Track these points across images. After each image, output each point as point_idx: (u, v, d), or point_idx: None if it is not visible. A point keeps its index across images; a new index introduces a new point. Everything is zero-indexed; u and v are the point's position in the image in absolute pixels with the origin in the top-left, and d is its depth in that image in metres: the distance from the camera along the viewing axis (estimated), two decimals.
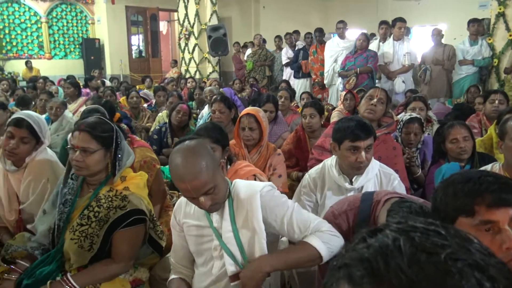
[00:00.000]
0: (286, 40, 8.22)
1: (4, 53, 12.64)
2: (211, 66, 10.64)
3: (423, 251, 0.44)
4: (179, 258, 1.76)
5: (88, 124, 1.83)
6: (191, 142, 1.49)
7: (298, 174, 3.28)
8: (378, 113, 2.74)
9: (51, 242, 1.93)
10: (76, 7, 13.68)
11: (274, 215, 1.55)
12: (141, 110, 5.59)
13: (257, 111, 2.78)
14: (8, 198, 2.29)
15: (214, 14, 10.45)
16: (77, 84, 6.35)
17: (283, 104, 4.52)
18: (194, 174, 1.41)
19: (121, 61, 13.17)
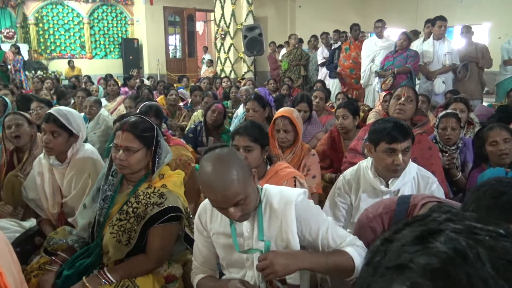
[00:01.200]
0: (322, 39, 8.14)
1: (49, 53, 13.19)
2: (246, 66, 10.69)
3: (500, 259, 0.39)
4: (205, 262, 1.72)
5: (130, 124, 1.88)
6: (222, 151, 1.44)
7: (331, 175, 3.23)
8: (408, 112, 2.66)
9: (90, 236, 2.00)
10: (116, 8, 14.09)
11: (308, 227, 1.51)
12: (178, 109, 5.69)
13: (292, 112, 2.75)
14: (52, 192, 2.38)
15: (250, 14, 10.49)
16: (116, 83, 6.55)
17: (317, 105, 4.47)
18: (224, 184, 1.35)
19: (158, 61, 13.45)
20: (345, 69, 7.10)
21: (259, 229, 1.51)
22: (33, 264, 2.00)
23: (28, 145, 2.77)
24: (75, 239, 2.02)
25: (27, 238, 2.29)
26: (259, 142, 2.16)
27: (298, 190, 1.59)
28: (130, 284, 1.77)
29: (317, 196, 2.69)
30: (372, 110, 4.74)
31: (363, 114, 4.66)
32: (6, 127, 2.75)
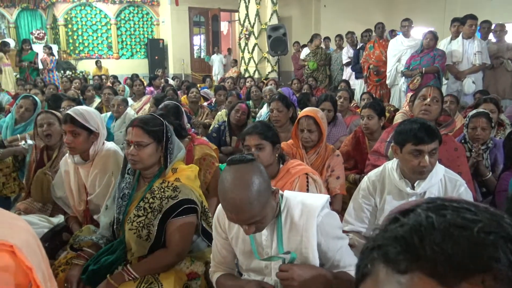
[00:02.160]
0: (347, 39, 8.05)
1: (77, 53, 13.51)
2: (270, 66, 10.68)
3: (455, 226, 0.45)
4: (224, 262, 1.73)
5: (140, 120, 1.94)
6: (244, 168, 1.36)
7: (355, 176, 3.19)
8: (434, 113, 2.60)
9: (112, 234, 2.05)
10: (142, 9, 14.31)
11: (327, 245, 1.50)
12: (200, 107, 5.73)
13: (316, 112, 2.73)
14: (77, 190, 2.44)
15: (274, 14, 10.47)
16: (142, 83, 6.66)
17: (342, 105, 4.42)
18: (242, 207, 1.31)
19: (183, 61, 13.59)
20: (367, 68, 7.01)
21: (279, 241, 1.50)
22: (60, 259, 2.06)
23: (58, 143, 2.85)
24: (99, 236, 2.07)
25: (55, 234, 2.35)
26: (269, 140, 2.16)
27: (321, 200, 1.53)
28: (154, 281, 1.80)
29: (341, 197, 2.66)
30: (399, 111, 4.65)
31: (388, 115, 4.58)
32: (38, 125, 2.83)
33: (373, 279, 0.48)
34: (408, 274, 0.44)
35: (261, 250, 1.55)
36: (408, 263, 0.44)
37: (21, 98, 3.94)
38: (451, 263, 0.42)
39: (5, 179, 3.28)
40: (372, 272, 0.49)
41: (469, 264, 0.42)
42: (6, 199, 3.26)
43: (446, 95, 4.16)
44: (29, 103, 3.83)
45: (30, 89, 6.13)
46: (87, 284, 1.87)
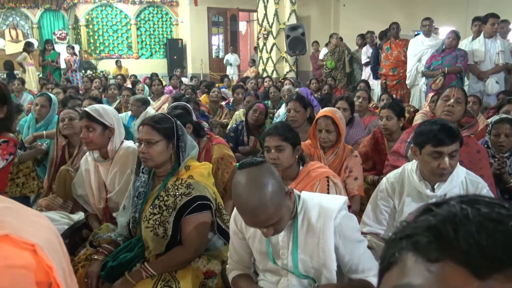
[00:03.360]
0: (367, 38, 7.97)
1: (98, 53, 13.73)
2: (288, 66, 10.65)
3: (490, 220, 0.44)
4: (240, 261, 1.73)
5: (150, 119, 1.98)
6: (256, 170, 1.36)
7: (374, 177, 3.16)
8: (457, 114, 2.55)
9: (129, 233, 2.08)
10: (162, 9, 14.46)
11: (345, 248, 1.48)
12: (219, 107, 5.76)
13: (334, 112, 2.71)
14: (98, 188, 2.47)
15: (293, 14, 10.44)
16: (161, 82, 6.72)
17: (360, 105, 4.37)
18: (257, 210, 1.31)
19: (201, 61, 13.66)
20: (387, 69, 6.91)
21: (294, 243, 1.49)
22: (80, 255, 2.10)
23: (78, 141, 2.90)
24: (117, 234, 2.10)
25: (75, 231, 2.40)
26: (290, 141, 2.15)
27: (338, 202, 1.52)
28: (171, 279, 1.81)
29: (359, 198, 2.63)
30: (419, 111, 4.58)
31: (408, 115, 4.52)
32: (60, 120, 2.90)
33: (400, 267, 0.48)
34: (439, 263, 0.44)
35: (277, 251, 1.55)
36: (440, 252, 0.44)
37: (37, 96, 4.02)
38: (485, 254, 0.42)
39: (24, 179, 3.34)
40: (399, 260, 0.48)
41: (503, 257, 0.42)
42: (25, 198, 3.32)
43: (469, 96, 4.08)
44: (43, 100, 3.88)
45: (52, 88, 6.25)
46: (106, 280, 1.90)
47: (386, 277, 0.50)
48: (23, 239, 0.75)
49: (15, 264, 0.73)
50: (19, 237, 0.74)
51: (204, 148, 2.79)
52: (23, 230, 0.76)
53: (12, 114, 2.13)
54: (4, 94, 2.04)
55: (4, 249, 0.72)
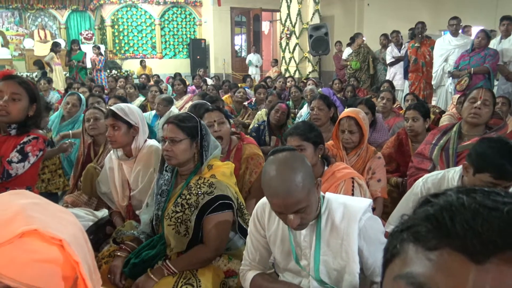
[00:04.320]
0: (392, 38, 7.85)
1: (123, 53, 13.96)
2: (311, 66, 10.60)
3: (485, 207, 0.46)
4: (258, 259, 1.71)
5: (175, 117, 2.01)
6: (289, 155, 1.40)
7: (397, 179, 3.10)
8: (484, 116, 2.48)
9: (151, 230, 2.11)
10: (185, 9, 14.60)
11: (369, 251, 1.45)
12: (243, 107, 5.78)
13: (358, 113, 2.67)
14: (121, 186, 2.51)
15: (316, 13, 10.39)
16: (184, 82, 6.78)
17: (384, 106, 4.31)
18: (288, 190, 1.32)
19: (224, 60, 13.73)
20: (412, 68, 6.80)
21: (317, 243, 1.47)
22: (104, 252, 2.14)
23: (103, 139, 2.95)
24: (140, 231, 2.13)
25: (99, 227, 2.44)
26: (311, 140, 2.14)
27: (363, 203, 1.50)
28: (192, 277, 1.82)
29: (382, 200, 2.59)
30: (446, 113, 4.48)
31: (433, 117, 4.43)
32: (86, 120, 2.97)
33: (401, 258, 0.49)
34: (438, 250, 0.45)
35: (299, 251, 1.53)
36: (438, 240, 0.45)
37: (68, 95, 4.14)
38: (481, 239, 0.43)
39: (50, 176, 3.42)
40: (401, 251, 0.50)
41: (498, 241, 0.43)
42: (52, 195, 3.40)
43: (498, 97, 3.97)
44: (75, 99, 4.01)
45: (78, 87, 6.39)
46: (129, 276, 1.93)
47: (389, 269, 0.51)
48: (51, 234, 0.76)
49: (43, 259, 0.74)
50: (47, 232, 0.76)
51: (235, 147, 2.80)
52: (51, 225, 0.78)
53: (41, 111, 2.18)
54: (34, 92, 2.10)
55: (32, 244, 0.74)
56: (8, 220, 0.74)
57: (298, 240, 1.53)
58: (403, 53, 7.49)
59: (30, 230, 0.73)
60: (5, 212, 0.75)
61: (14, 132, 2.06)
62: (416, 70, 6.76)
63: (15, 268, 0.71)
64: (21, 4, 13.36)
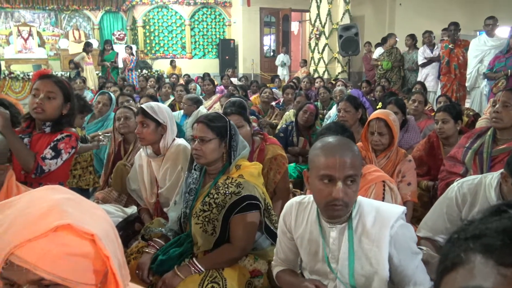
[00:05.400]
0: (425, 38, 7.66)
1: (153, 53, 14.21)
2: (340, 66, 10.49)
3: None
4: (286, 260, 1.72)
5: (205, 117, 2.03)
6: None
7: (428, 183, 3.03)
8: (505, 119, 2.38)
9: (179, 228, 2.13)
10: (215, 10, 14.72)
11: (399, 259, 1.41)
12: (271, 107, 5.77)
13: (388, 115, 2.62)
14: (150, 183, 2.56)
15: (346, 13, 10.27)
16: (213, 82, 6.84)
17: (416, 109, 4.21)
18: (346, 150, 1.38)
19: (252, 61, 13.76)
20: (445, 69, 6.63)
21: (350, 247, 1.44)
22: (132, 248, 2.18)
23: (133, 138, 3.01)
24: (168, 229, 2.16)
25: (128, 224, 2.49)
26: None
27: (396, 210, 1.46)
28: (218, 276, 1.83)
29: (412, 204, 2.54)
30: (482, 116, 4.32)
31: (467, 119, 4.29)
32: (117, 119, 3.04)
33: (467, 269, 0.46)
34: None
35: (328, 251, 1.51)
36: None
37: (99, 95, 4.25)
38: None
39: (81, 172, 3.51)
40: (465, 261, 0.46)
41: None
42: (83, 191, 3.49)
43: None
44: (105, 99, 4.12)
45: (110, 87, 6.54)
46: (156, 272, 1.96)
47: (449, 278, 0.48)
48: (84, 229, 0.79)
49: (76, 252, 0.77)
50: (80, 226, 0.78)
51: (258, 148, 2.80)
52: (84, 220, 0.80)
53: (74, 110, 2.24)
54: (68, 91, 2.16)
55: (65, 238, 0.77)
56: (43, 214, 0.76)
57: (327, 242, 1.51)
58: (435, 53, 7.32)
59: (64, 224, 0.76)
60: (40, 206, 0.78)
61: (49, 129, 2.12)
62: (448, 72, 6.59)
63: (49, 261, 0.74)
64: (57, 5, 13.80)
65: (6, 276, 0.75)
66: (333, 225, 1.47)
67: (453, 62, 6.53)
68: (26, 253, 0.74)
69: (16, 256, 0.73)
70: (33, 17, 13.75)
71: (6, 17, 13.44)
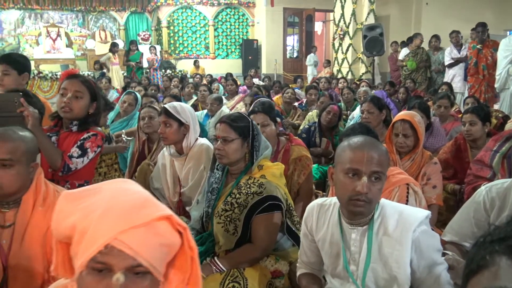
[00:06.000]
0: (452, 38, 7.49)
1: (177, 53, 14.35)
2: (365, 67, 10.36)
3: None
4: (310, 263, 1.71)
5: (227, 117, 2.04)
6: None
7: (454, 186, 2.96)
8: None
9: (201, 227, 2.15)
10: (239, 10, 14.77)
11: (418, 265, 1.38)
12: (293, 107, 5.76)
13: (413, 116, 2.57)
14: (172, 182, 2.59)
15: (371, 13, 10.15)
16: (236, 82, 6.87)
17: (441, 114, 4.13)
18: (374, 147, 1.38)
19: (275, 61, 13.74)
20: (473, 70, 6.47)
21: (368, 250, 1.42)
22: None
23: (157, 137, 3.05)
24: (190, 228, 2.17)
25: None
26: None
27: (420, 214, 1.42)
28: (239, 275, 1.84)
29: (437, 208, 2.48)
30: None
31: (495, 121, 4.18)
32: (141, 118, 3.09)
33: (492, 271, 0.46)
34: None
35: (349, 255, 1.49)
36: None
37: (125, 94, 4.33)
38: None
39: (107, 169, 3.56)
40: (491, 263, 0.47)
41: None
42: None
43: None
44: (131, 99, 4.19)
45: (134, 86, 6.65)
46: None
47: (475, 280, 0.48)
48: (180, 221, 0.84)
49: (167, 243, 0.82)
50: (178, 219, 0.84)
51: (283, 148, 2.79)
52: (157, 204, 0.85)
53: (100, 109, 2.28)
54: (95, 91, 2.20)
55: (162, 228, 0.81)
56: (142, 204, 0.80)
57: (348, 245, 1.49)
58: (463, 54, 7.16)
59: (164, 215, 0.81)
60: (133, 196, 0.81)
61: (76, 128, 2.17)
62: (476, 73, 6.43)
63: (148, 248, 0.78)
64: (84, 6, 14.11)
65: (102, 260, 0.76)
66: (354, 227, 1.46)
67: (481, 63, 6.37)
68: (130, 239, 0.75)
69: (120, 240, 0.75)
70: (61, 18, 14.09)
71: (35, 18, 13.82)
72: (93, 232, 0.76)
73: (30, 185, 1.62)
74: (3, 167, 1.51)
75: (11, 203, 1.59)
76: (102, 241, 0.74)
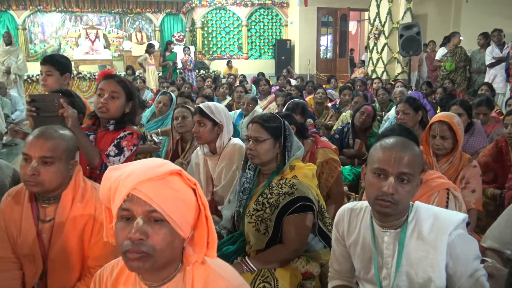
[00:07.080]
0: (493, 37, 7.21)
1: (211, 53, 14.50)
2: (400, 67, 10.12)
3: None
4: (341, 270, 1.67)
5: (260, 117, 2.05)
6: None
7: (494, 191, 2.85)
8: None
9: (232, 226, 2.16)
10: (272, 10, 14.76)
11: (454, 270, 1.34)
12: (325, 108, 5.70)
13: (452, 118, 2.48)
14: (205, 181, 2.61)
15: (408, 12, 9.90)
16: (269, 82, 6.89)
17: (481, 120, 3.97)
18: (405, 148, 1.35)
19: (308, 61, 13.65)
20: None
21: (399, 253, 1.39)
22: None
23: (190, 136, 3.09)
24: (221, 227, 2.19)
25: None
26: None
27: (456, 217, 1.37)
28: (270, 276, 1.83)
29: (476, 213, 2.40)
30: None
31: None
32: (174, 118, 3.14)
33: None
34: None
35: (381, 259, 1.46)
36: None
37: (160, 94, 4.42)
38: None
39: None
40: None
41: None
42: None
43: None
44: (166, 99, 4.27)
45: (168, 86, 6.77)
46: None
47: None
48: (189, 177, 1.00)
49: (181, 198, 0.97)
50: (186, 174, 0.99)
51: (309, 151, 2.77)
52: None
53: (136, 109, 2.33)
54: (131, 91, 2.25)
55: (175, 182, 0.98)
56: (160, 165, 0.99)
57: (381, 248, 1.46)
58: (505, 53, 6.87)
59: (176, 170, 0.99)
60: (156, 162, 1.01)
61: (112, 127, 2.22)
62: None
63: (162, 197, 0.94)
64: (121, 8, 14.48)
65: (126, 207, 0.94)
66: (386, 230, 1.43)
67: None
68: (146, 188, 0.93)
69: (138, 190, 0.93)
70: (99, 20, 14.50)
71: (75, 20, 14.28)
72: (121, 187, 0.94)
73: (69, 181, 1.68)
74: (44, 164, 1.58)
75: (52, 199, 1.66)
76: (125, 191, 0.93)
